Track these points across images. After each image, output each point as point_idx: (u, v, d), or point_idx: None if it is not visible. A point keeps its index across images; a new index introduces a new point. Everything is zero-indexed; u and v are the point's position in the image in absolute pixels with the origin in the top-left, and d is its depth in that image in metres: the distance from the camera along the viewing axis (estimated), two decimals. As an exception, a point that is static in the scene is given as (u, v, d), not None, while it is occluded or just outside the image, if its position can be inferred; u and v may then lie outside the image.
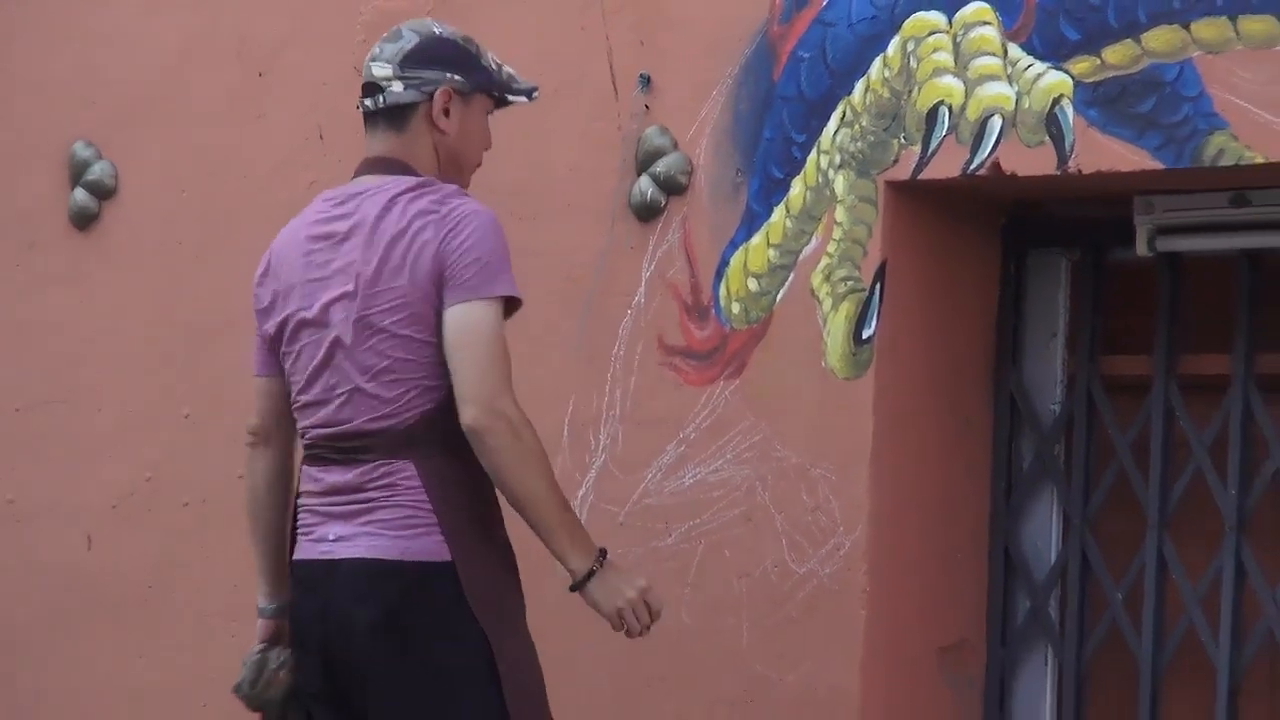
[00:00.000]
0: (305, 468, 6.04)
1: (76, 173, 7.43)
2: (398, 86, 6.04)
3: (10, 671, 7.47)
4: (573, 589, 5.85)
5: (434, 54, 6.07)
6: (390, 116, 6.07)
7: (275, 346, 6.07)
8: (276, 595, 6.12)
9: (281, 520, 6.11)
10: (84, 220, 7.43)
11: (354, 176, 6.09)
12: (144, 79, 7.39)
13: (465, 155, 6.13)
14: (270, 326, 6.07)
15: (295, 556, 6.04)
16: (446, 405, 5.90)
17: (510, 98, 6.17)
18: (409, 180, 5.98)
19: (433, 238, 5.87)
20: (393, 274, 5.88)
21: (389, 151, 6.07)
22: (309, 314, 6.00)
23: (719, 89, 6.73)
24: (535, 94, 6.23)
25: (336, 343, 5.94)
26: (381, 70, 6.05)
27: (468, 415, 5.77)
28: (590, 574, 5.84)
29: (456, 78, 6.05)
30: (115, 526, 7.31)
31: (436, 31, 6.10)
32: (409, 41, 6.06)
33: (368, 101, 6.08)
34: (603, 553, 5.85)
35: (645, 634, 5.88)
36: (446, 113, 6.05)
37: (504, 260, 5.87)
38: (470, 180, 6.10)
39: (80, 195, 7.42)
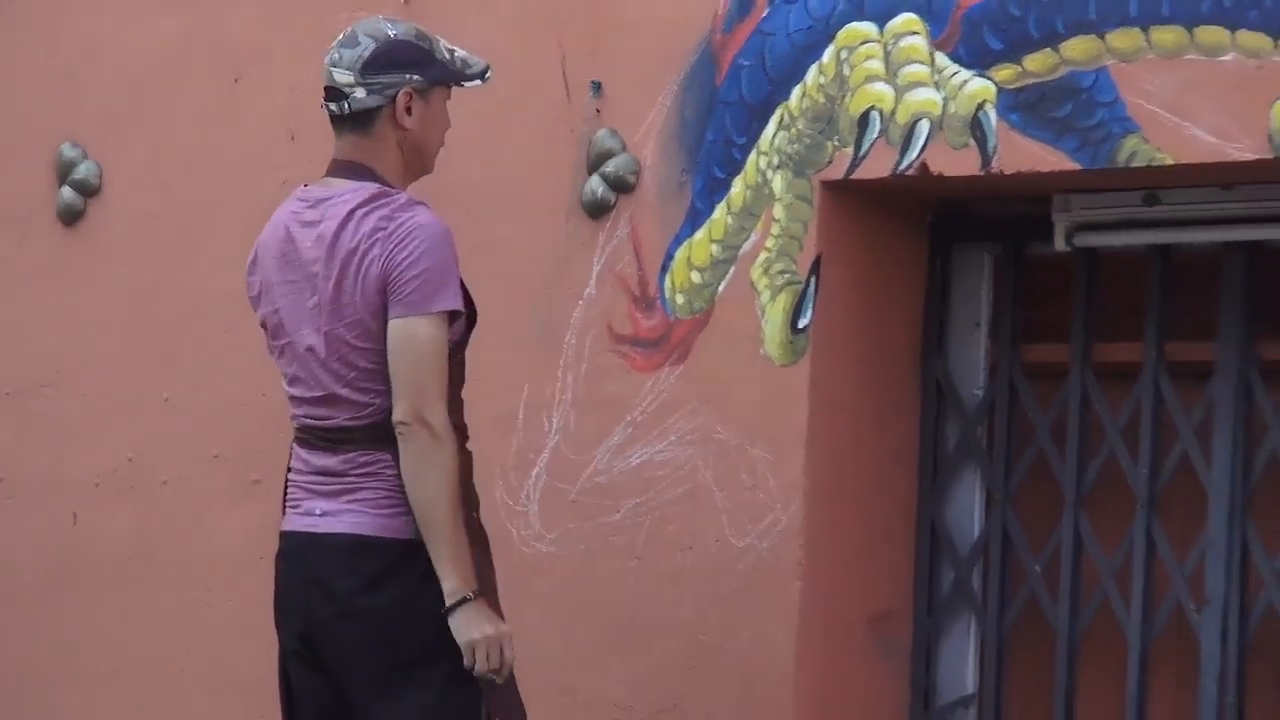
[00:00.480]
0: (295, 448, 6.06)
1: (63, 172, 7.42)
2: (360, 93, 6.03)
3: (1, 638, 7.44)
4: (443, 612, 5.83)
5: (392, 57, 6.06)
6: (355, 120, 6.06)
7: (269, 331, 6.10)
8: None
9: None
10: (71, 217, 7.42)
11: (324, 176, 6.08)
12: (127, 84, 7.40)
13: (428, 144, 6.13)
14: (261, 315, 6.10)
15: (283, 528, 6.05)
16: None
17: (465, 84, 6.17)
18: (368, 190, 5.98)
19: (380, 254, 5.88)
20: (349, 291, 5.91)
21: (355, 154, 6.07)
22: (286, 318, 6.02)
23: (665, 94, 6.72)
24: (489, 74, 6.20)
25: (311, 351, 5.97)
26: (344, 77, 6.03)
27: (397, 415, 5.82)
28: (462, 601, 5.82)
29: (416, 78, 6.05)
30: (99, 503, 7.30)
31: (391, 34, 6.07)
32: (366, 48, 6.04)
33: (332, 106, 6.07)
34: (476, 592, 5.83)
35: (495, 679, 5.81)
36: (409, 110, 6.04)
37: (447, 275, 5.88)
38: (434, 162, 6.13)
39: (67, 193, 7.41)
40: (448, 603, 5.80)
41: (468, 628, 5.80)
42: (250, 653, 6.54)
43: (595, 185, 6.76)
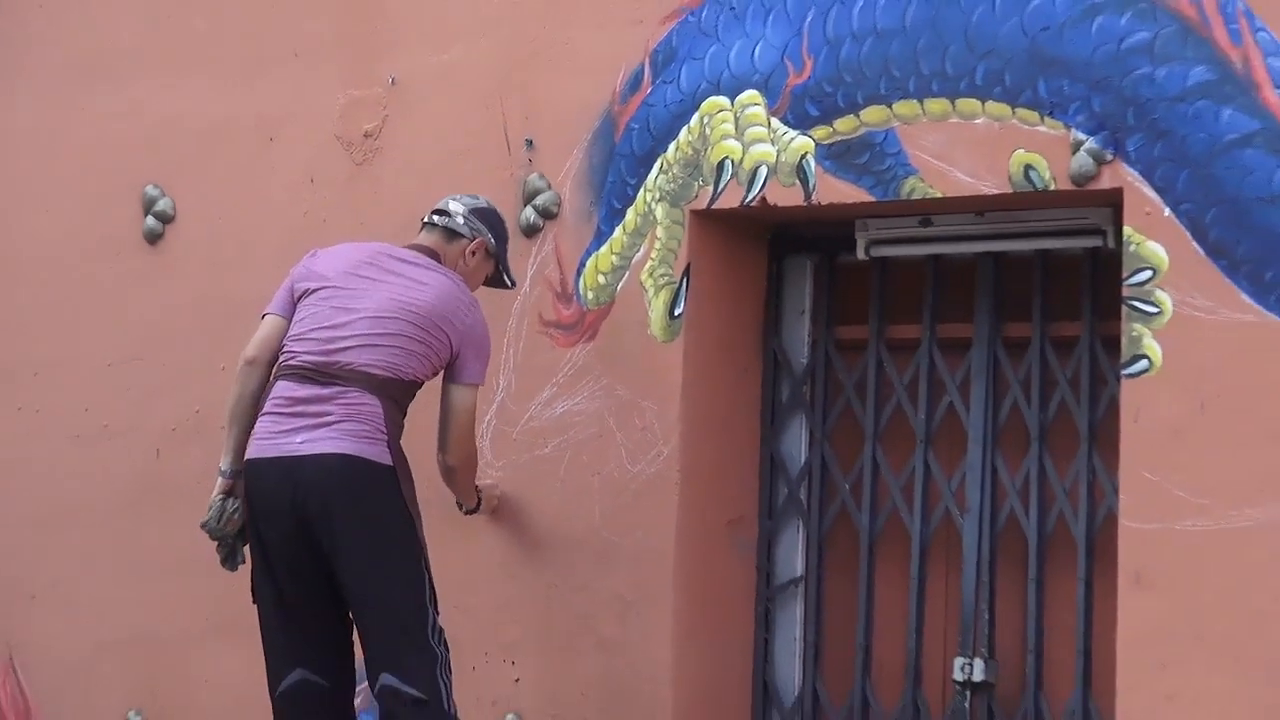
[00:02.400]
0: (281, 382, 5.96)
1: (147, 205, 7.34)
2: (460, 221, 6.20)
3: (96, 544, 7.35)
4: (467, 513, 6.34)
5: (489, 220, 6.26)
6: (445, 232, 6.19)
7: (298, 299, 6.05)
8: (236, 464, 6.04)
9: (252, 418, 6.03)
10: (153, 238, 7.34)
11: (408, 246, 6.17)
12: (193, 141, 7.30)
13: (468, 280, 6.21)
14: (303, 286, 6.05)
15: (257, 455, 5.95)
16: (410, 387, 6.02)
17: (504, 275, 6.35)
18: (456, 276, 6.13)
19: (466, 320, 6.05)
20: (447, 320, 6.01)
21: (435, 246, 6.18)
22: (361, 290, 6.01)
23: (579, 148, 6.67)
24: (514, 285, 6.46)
25: (374, 319, 5.95)
26: (456, 206, 6.23)
27: (457, 457, 6.18)
28: (476, 508, 6.32)
29: (492, 241, 6.23)
30: (175, 443, 7.22)
31: (496, 210, 6.30)
32: (482, 204, 6.27)
33: (436, 217, 6.23)
34: (479, 502, 6.40)
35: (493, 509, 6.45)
36: (473, 254, 6.20)
37: (488, 355, 6.17)
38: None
39: (150, 221, 7.33)
40: (467, 510, 6.41)
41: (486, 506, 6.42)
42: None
43: (529, 214, 6.70)
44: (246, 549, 6.10)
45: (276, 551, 5.93)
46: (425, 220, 6.25)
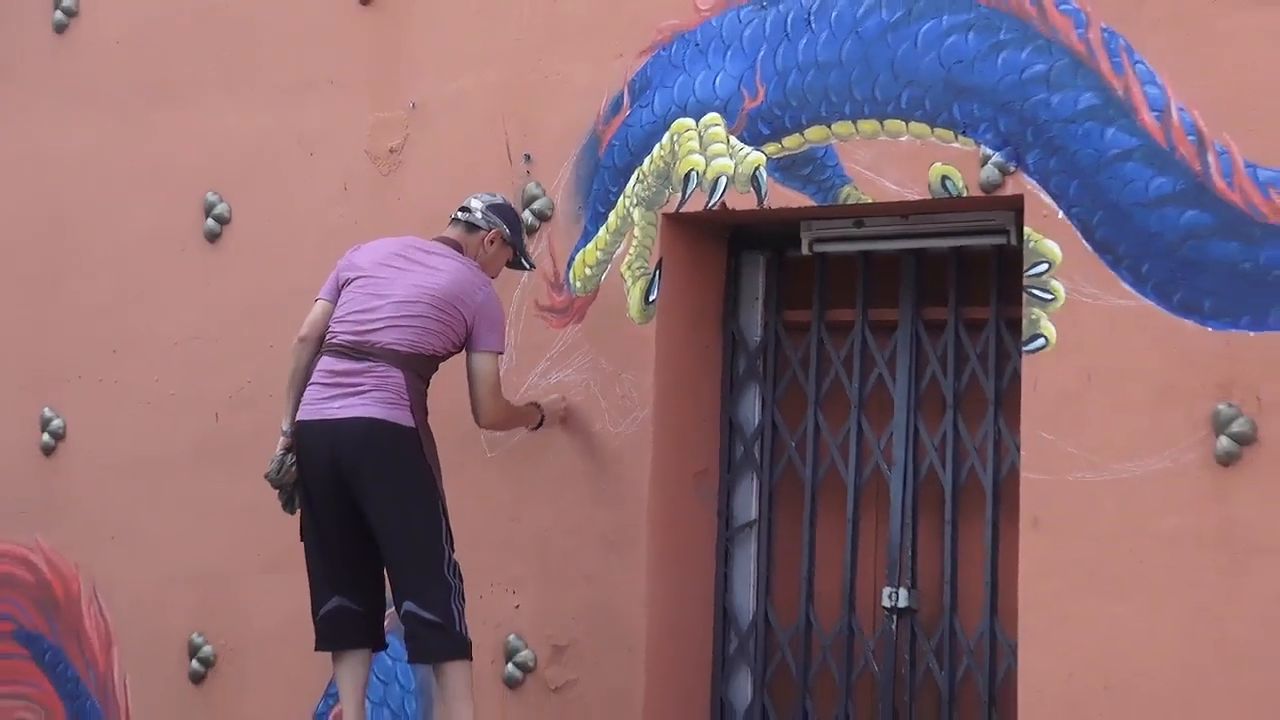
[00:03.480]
0: (325, 358, 6.00)
1: (208, 209, 7.31)
2: (479, 216, 6.19)
3: (164, 493, 7.31)
4: (533, 430, 6.33)
5: (504, 214, 6.25)
6: (468, 226, 6.20)
7: (341, 286, 6.08)
8: (292, 424, 6.07)
9: (304, 386, 6.07)
10: (213, 237, 7.30)
11: (435, 238, 6.19)
12: (246, 156, 7.26)
13: (487, 270, 6.21)
14: (345, 275, 6.08)
15: (303, 418, 5.99)
16: (431, 360, 6.01)
17: (522, 259, 6.34)
18: (472, 263, 6.13)
19: (480, 299, 6.03)
20: (462, 300, 6.01)
21: (457, 239, 6.18)
22: (390, 279, 6.02)
23: (569, 161, 6.64)
24: (533, 268, 6.45)
25: (401, 302, 5.97)
26: (477, 203, 6.22)
27: (484, 397, 6.11)
28: (540, 424, 6.27)
29: (507, 231, 6.20)
30: (231, 409, 7.19)
31: (511, 205, 6.32)
32: (498, 201, 6.27)
33: (460, 213, 6.22)
34: (542, 416, 6.37)
35: (562, 419, 6.43)
36: (491, 243, 6.20)
37: (504, 329, 6.18)
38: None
39: (210, 223, 7.30)
40: (531, 428, 6.40)
41: (550, 418, 6.41)
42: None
43: (527, 216, 6.64)
44: None
45: (319, 498, 5.98)
46: (452, 216, 6.26)
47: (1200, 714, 5.57)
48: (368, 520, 5.92)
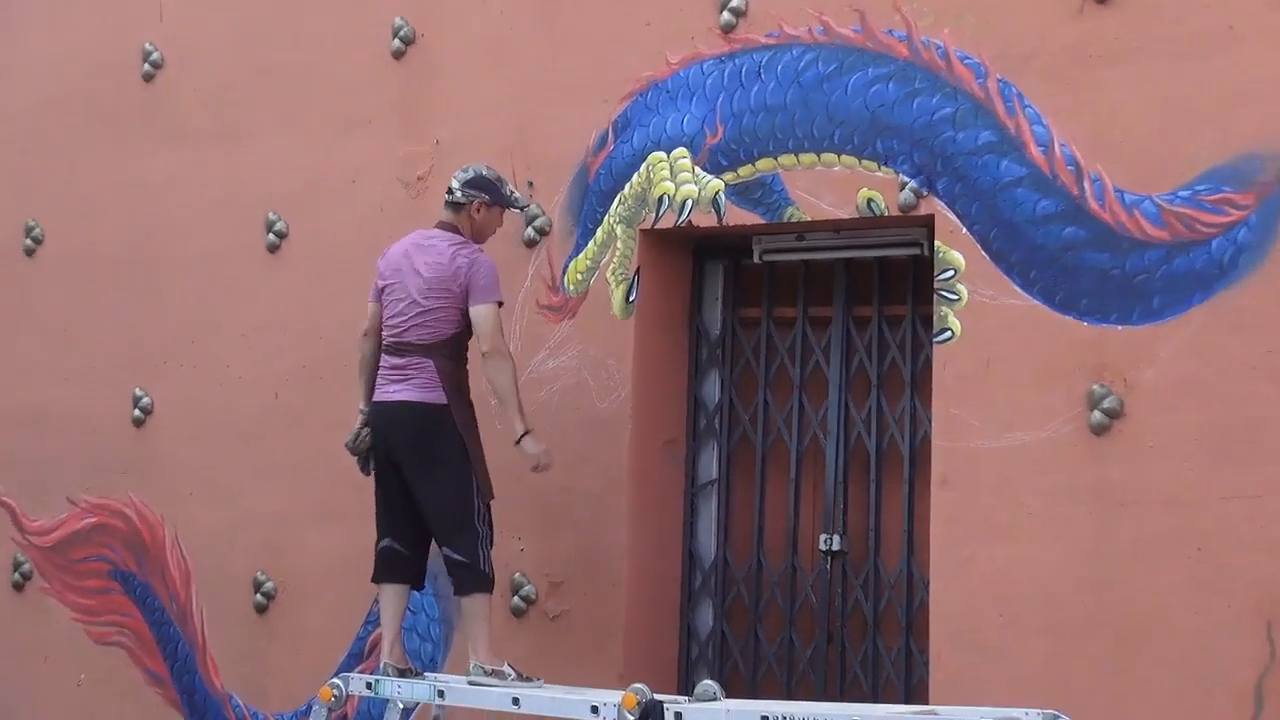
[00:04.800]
0: (384, 355, 6.01)
1: (269, 226, 7.28)
2: (459, 194, 6.07)
3: (233, 457, 7.27)
4: (515, 443, 5.93)
5: (479, 183, 6.09)
6: (454, 205, 6.08)
7: (381, 289, 6.05)
8: (366, 404, 6.07)
9: (372, 373, 6.07)
10: (273, 249, 7.26)
11: (433, 226, 6.09)
12: (299, 182, 7.21)
13: (483, 232, 6.11)
14: (381, 283, 6.04)
15: (375, 399, 6.02)
16: (453, 340, 5.93)
17: (509, 208, 6.18)
18: (458, 239, 5.99)
19: (465, 268, 5.90)
20: (448, 285, 5.90)
21: (450, 220, 6.07)
22: (399, 283, 5.98)
23: (564, 187, 6.62)
24: (525, 207, 6.32)
25: (414, 304, 5.93)
26: (455, 184, 6.07)
27: (483, 347, 5.89)
28: (525, 433, 5.91)
29: (485, 197, 6.07)
30: (288, 387, 7.14)
31: (484, 173, 6.11)
32: (471, 175, 6.08)
33: (447, 195, 6.09)
34: (530, 430, 5.94)
35: (544, 469, 5.98)
36: (478, 211, 6.07)
37: (498, 283, 5.96)
38: (486, 240, 6.13)
39: (271, 237, 7.26)
40: (517, 435, 5.92)
41: (534, 445, 5.94)
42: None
43: (530, 232, 6.64)
44: None
45: (379, 464, 6.04)
46: (445, 199, 6.14)
47: (1075, 635, 5.59)
48: (409, 483, 5.97)
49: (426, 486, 5.91)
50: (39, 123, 7.87)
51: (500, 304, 5.99)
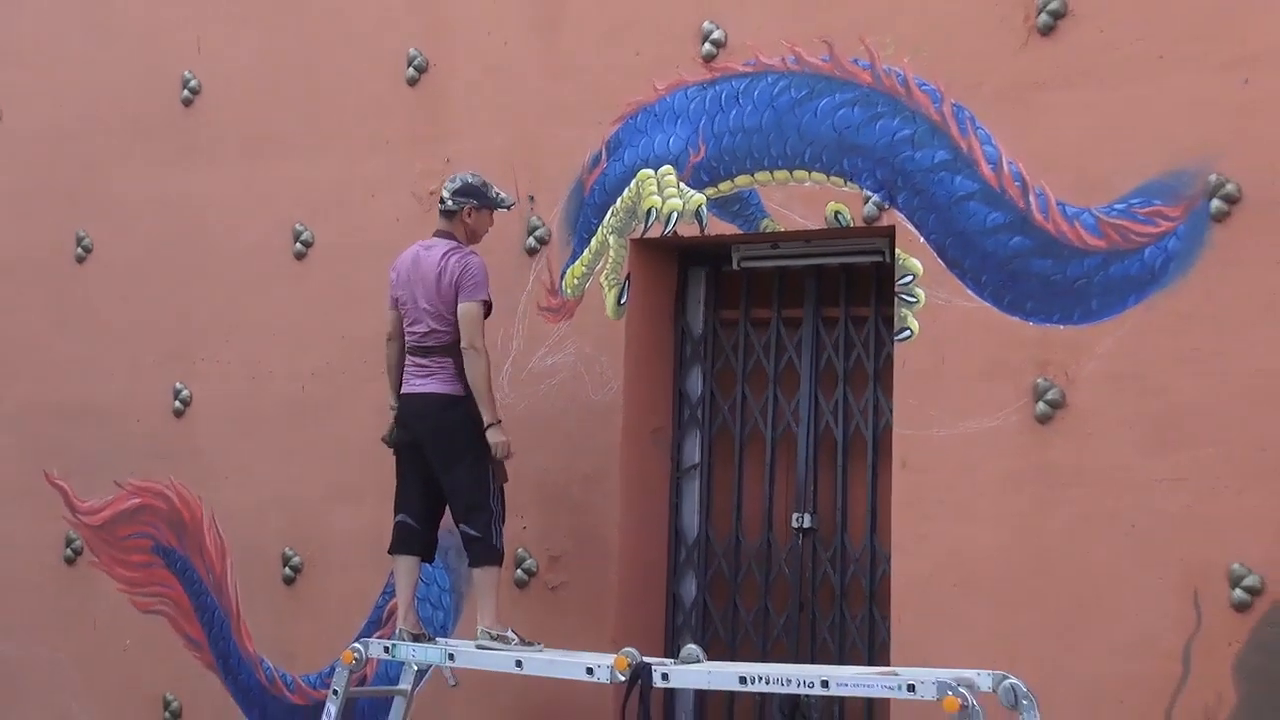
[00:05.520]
0: (408, 356, 6.01)
1: (296, 236, 7.23)
2: (450, 202, 6.05)
3: (263, 445, 7.22)
4: (484, 429, 5.86)
5: (467, 190, 6.06)
6: (446, 213, 6.06)
7: (396, 301, 6.03)
8: (394, 400, 6.08)
9: (397, 373, 6.08)
10: (300, 256, 7.20)
11: (432, 235, 6.08)
12: (324, 196, 7.17)
13: (476, 234, 6.08)
14: (394, 293, 6.04)
15: (402, 391, 6.02)
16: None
17: (497, 209, 6.14)
18: (451, 244, 5.97)
19: (455, 270, 5.87)
20: (445, 287, 5.89)
21: (445, 228, 6.06)
22: (410, 291, 5.98)
23: (561, 200, 6.59)
24: (512, 205, 6.24)
25: (424, 309, 5.92)
26: (446, 193, 6.05)
27: (463, 343, 5.85)
28: (492, 424, 5.85)
29: (474, 202, 6.04)
30: (315, 381, 7.09)
31: (470, 180, 6.08)
32: (459, 184, 6.06)
33: (439, 205, 6.08)
34: (498, 421, 5.89)
35: (504, 458, 5.91)
36: (469, 215, 6.04)
37: (484, 282, 5.91)
38: (481, 240, 6.11)
39: (298, 246, 7.21)
40: (486, 423, 5.85)
41: (495, 435, 5.86)
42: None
43: (531, 241, 6.62)
44: None
45: (403, 447, 6.06)
46: (438, 208, 6.15)
47: (1022, 604, 5.60)
48: (429, 465, 5.98)
49: (447, 469, 5.93)
50: (89, 143, 7.83)
51: (487, 303, 5.97)
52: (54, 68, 7.94)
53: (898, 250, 5.89)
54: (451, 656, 5.87)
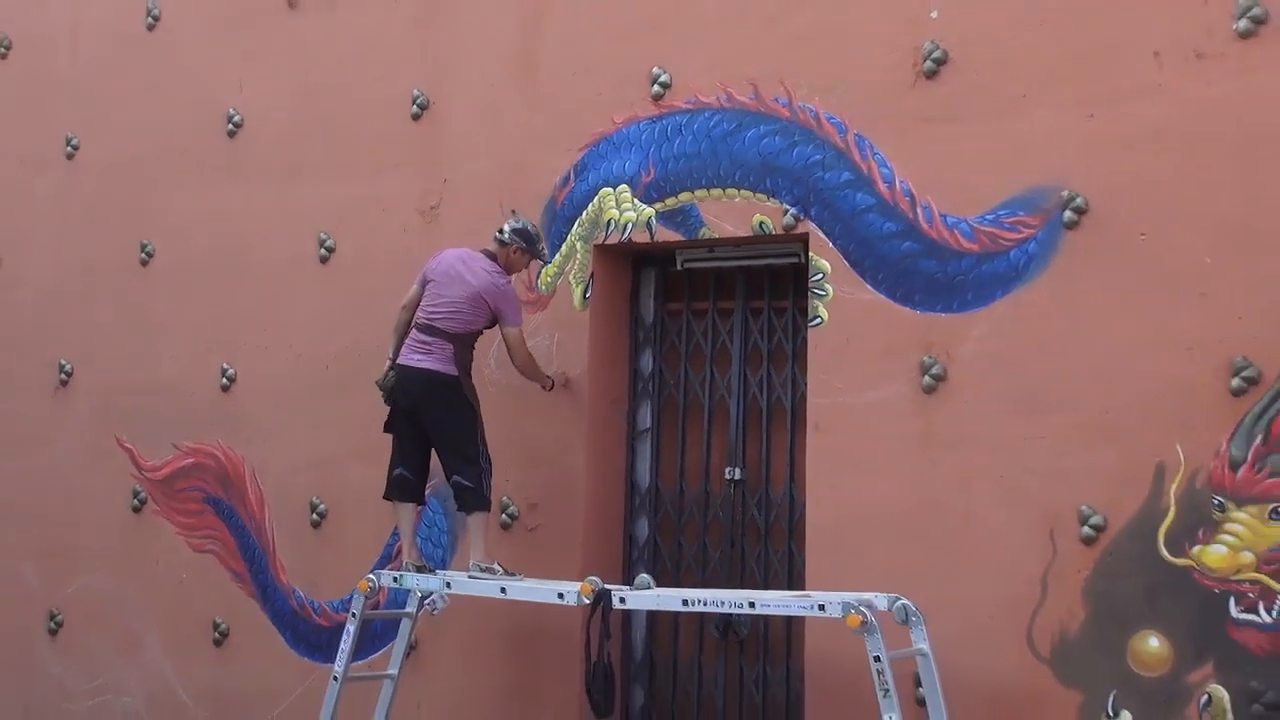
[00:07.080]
0: (414, 330, 5.93)
1: (320, 243, 7.10)
2: (507, 236, 6.00)
3: (292, 416, 7.07)
4: (548, 390, 6.03)
5: (523, 234, 6.03)
6: (499, 241, 6.01)
7: (425, 282, 5.95)
8: (394, 356, 6.01)
9: (403, 337, 6.01)
10: (324, 260, 7.08)
11: (479, 250, 6.00)
12: (342, 211, 7.04)
13: (513, 268, 6.04)
14: (428, 276, 5.96)
15: (400, 362, 5.91)
16: (471, 335, 5.89)
17: (535, 258, 6.11)
18: (495, 266, 5.94)
19: (495, 291, 5.86)
20: (482, 295, 5.86)
21: (493, 250, 6.02)
22: (444, 280, 5.89)
23: (539, 214, 6.49)
24: (547, 261, 6.23)
25: (450, 300, 5.86)
26: (506, 228, 6.03)
27: (517, 361, 5.97)
28: (550, 387, 6.02)
29: (523, 244, 6.00)
30: (339, 364, 6.97)
31: (529, 228, 6.04)
32: (520, 225, 6.03)
33: (496, 234, 6.02)
34: (552, 382, 6.03)
35: (564, 383, 6.10)
36: (515, 252, 6.01)
37: (521, 309, 5.98)
38: (512, 275, 6.07)
39: (322, 251, 7.10)
40: (547, 385, 6.06)
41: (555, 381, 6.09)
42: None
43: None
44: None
45: (400, 411, 5.97)
46: (495, 235, 6.11)
47: (912, 541, 5.58)
48: (425, 429, 5.92)
49: (442, 431, 5.87)
50: (150, 168, 7.76)
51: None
52: (120, 106, 7.87)
53: (811, 253, 5.86)
54: (449, 584, 5.87)
